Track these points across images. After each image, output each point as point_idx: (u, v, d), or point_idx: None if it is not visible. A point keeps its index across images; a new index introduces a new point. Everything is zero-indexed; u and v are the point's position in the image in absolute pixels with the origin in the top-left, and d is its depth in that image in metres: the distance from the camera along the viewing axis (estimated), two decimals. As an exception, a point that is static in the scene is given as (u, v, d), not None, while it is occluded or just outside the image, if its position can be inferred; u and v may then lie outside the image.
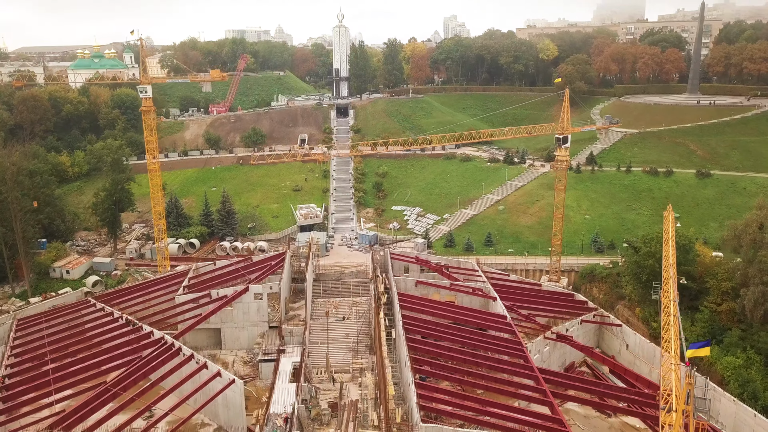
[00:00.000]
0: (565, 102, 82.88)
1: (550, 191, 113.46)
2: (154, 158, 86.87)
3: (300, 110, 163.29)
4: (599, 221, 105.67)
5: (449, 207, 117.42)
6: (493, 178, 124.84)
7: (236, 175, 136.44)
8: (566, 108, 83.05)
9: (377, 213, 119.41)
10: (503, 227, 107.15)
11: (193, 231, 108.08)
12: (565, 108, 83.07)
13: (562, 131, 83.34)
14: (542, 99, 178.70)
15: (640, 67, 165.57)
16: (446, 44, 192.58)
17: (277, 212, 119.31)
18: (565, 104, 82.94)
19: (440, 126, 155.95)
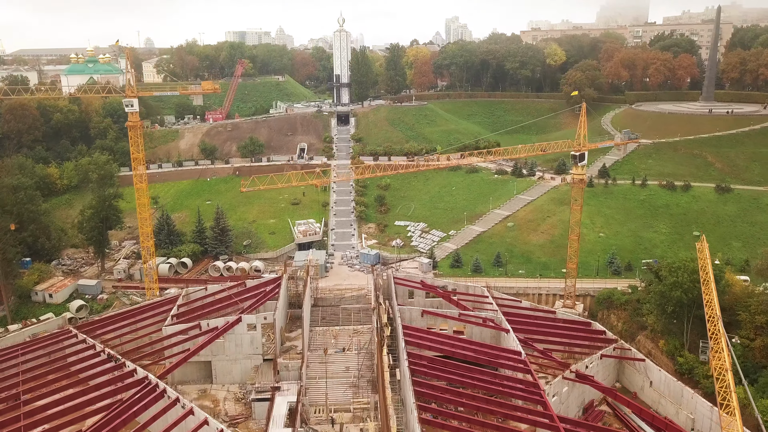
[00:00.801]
0: (582, 117, 77.15)
1: (562, 207, 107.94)
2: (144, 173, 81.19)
3: (299, 118, 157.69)
4: (614, 240, 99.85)
5: (455, 223, 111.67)
6: (501, 192, 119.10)
7: (232, 187, 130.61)
8: (583, 123, 77.33)
9: (379, 229, 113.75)
10: (513, 246, 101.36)
11: (185, 249, 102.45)
12: (582, 123, 77.33)
13: (579, 148, 77.57)
14: (550, 106, 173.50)
15: (651, 73, 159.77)
16: (450, 49, 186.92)
17: (275, 228, 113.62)
18: (582, 119, 77.20)
19: (445, 135, 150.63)
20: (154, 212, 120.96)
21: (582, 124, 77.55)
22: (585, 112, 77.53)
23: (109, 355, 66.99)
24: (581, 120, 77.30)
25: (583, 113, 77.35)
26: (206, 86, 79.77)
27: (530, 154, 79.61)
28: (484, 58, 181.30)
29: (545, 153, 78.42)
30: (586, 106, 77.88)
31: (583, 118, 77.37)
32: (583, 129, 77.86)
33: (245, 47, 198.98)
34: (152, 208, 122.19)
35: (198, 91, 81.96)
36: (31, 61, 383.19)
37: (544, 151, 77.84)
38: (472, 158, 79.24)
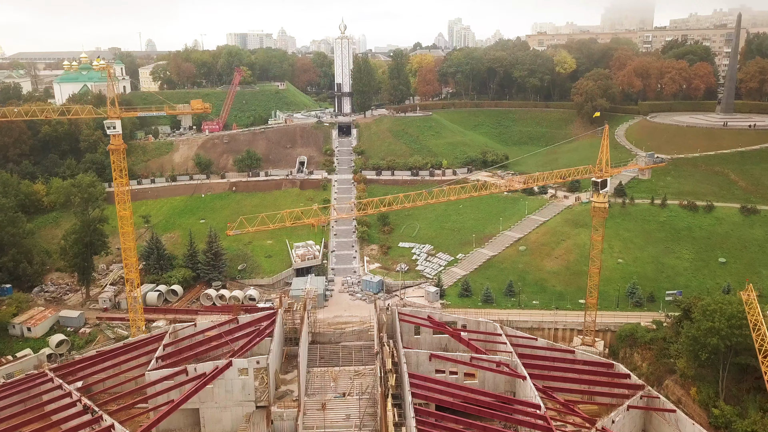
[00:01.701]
0: (605, 141, 70.72)
1: (577, 229, 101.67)
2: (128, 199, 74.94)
3: (299, 129, 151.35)
4: (634, 266, 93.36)
5: (463, 245, 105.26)
6: (511, 211, 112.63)
7: (228, 204, 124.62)
8: (605, 147, 70.93)
9: (382, 251, 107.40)
10: (526, 272, 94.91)
11: (176, 276, 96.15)
12: (605, 147, 70.92)
13: (601, 174, 71.13)
14: (559, 115, 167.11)
15: (666, 82, 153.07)
16: (455, 56, 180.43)
17: (271, 250, 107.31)
18: (605, 143, 70.78)
19: (451, 148, 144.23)
20: (145, 233, 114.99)
21: (604, 148, 71.12)
22: (607, 135, 71.07)
23: (86, 407, 60.69)
24: (604, 143, 70.86)
25: (605, 137, 70.97)
26: (196, 105, 73.49)
27: (549, 182, 73.12)
28: (491, 65, 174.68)
29: (565, 180, 72.10)
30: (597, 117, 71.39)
31: (605, 142, 70.96)
32: (605, 154, 71.42)
33: (243, 54, 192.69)
34: (144, 227, 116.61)
35: (187, 111, 75.73)
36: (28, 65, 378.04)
37: (564, 179, 71.50)
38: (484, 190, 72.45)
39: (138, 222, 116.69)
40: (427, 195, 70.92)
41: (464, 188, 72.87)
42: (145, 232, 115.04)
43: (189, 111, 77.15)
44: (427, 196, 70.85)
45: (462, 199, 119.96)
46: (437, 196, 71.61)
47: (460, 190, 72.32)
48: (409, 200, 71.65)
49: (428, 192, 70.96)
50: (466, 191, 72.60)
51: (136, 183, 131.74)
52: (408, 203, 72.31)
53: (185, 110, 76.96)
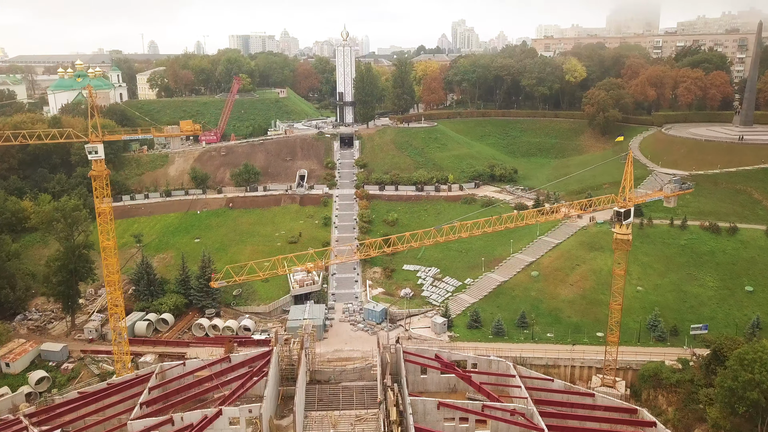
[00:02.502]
0: (628, 167, 64.97)
1: (593, 253, 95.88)
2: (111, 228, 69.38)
3: (299, 141, 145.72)
4: (655, 295, 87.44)
5: (471, 269, 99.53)
6: (522, 232, 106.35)
7: (224, 221, 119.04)
8: (629, 174, 65.16)
9: (386, 274, 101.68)
10: (539, 301, 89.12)
11: (167, 302, 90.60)
12: (628, 174, 65.15)
13: (625, 204, 65.35)
14: (569, 126, 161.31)
15: (681, 92, 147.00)
16: (461, 63, 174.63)
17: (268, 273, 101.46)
18: (628, 170, 65.01)
19: (457, 161, 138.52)
20: (137, 253, 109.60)
21: (628, 175, 65.34)
22: (631, 161, 65.30)
23: (61, 463, 55.38)
24: (627, 170, 65.07)
25: (629, 163, 65.18)
26: (185, 127, 68.06)
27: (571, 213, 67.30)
28: (498, 73, 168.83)
29: (586, 212, 66.43)
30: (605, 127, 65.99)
31: (629, 168, 65.19)
32: (629, 180, 65.67)
33: (243, 61, 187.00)
34: (136, 247, 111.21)
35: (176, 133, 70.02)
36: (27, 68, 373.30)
37: (584, 210, 65.80)
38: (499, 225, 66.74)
39: (129, 242, 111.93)
40: (436, 233, 65.24)
41: (477, 224, 67.16)
42: (137, 253, 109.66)
43: (178, 133, 71.46)
44: (437, 234, 65.20)
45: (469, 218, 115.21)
46: (447, 234, 65.94)
47: (473, 227, 66.63)
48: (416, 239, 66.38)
49: (437, 229, 65.28)
50: (479, 227, 66.94)
51: (129, 198, 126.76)
52: (415, 242, 66.99)
53: (174, 132, 71.27)
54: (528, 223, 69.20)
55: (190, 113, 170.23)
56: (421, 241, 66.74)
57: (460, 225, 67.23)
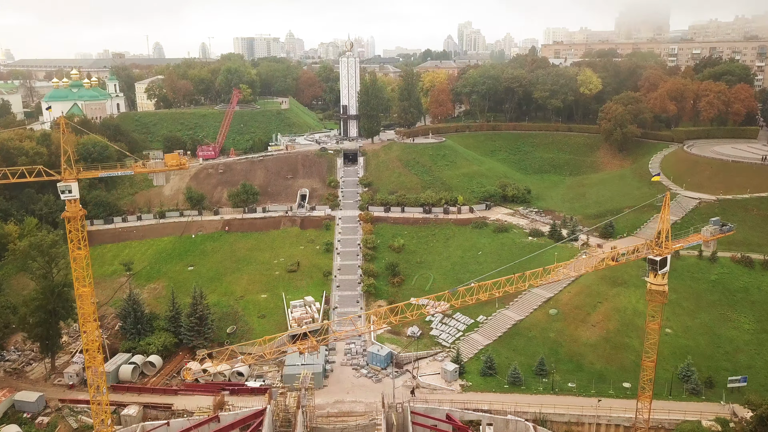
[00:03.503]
0: (665, 211, 57.67)
1: (616, 289, 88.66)
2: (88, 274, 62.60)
3: (301, 157, 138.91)
4: (685, 338, 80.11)
5: (484, 304, 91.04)
6: (537, 262, 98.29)
7: (220, 246, 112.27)
8: (665, 220, 57.87)
9: (392, 309, 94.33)
10: (558, 344, 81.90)
11: (156, 342, 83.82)
12: (664, 220, 57.86)
13: (660, 251, 58.09)
14: (584, 140, 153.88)
15: (703, 106, 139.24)
16: (470, 74, 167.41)
17: (265, 307, 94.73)
18: (665, 215, 57.69)
19: (466, 180, 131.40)
20: (127, 281, 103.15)
21: (664, 220, 58.05)
22: (668, 203, 58.04)
23: None
24: (663, 215, 57.78)
25: (666, 205, 57.92)
26: (170, 161, 61.28)
27: (600, 266, 59.75)
28: (509, 85, 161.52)
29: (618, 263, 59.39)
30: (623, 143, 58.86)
31: (665, 210, 57.91)
32: (665, 224, 58.39)
33: (243, 70, 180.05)
34: (125, 275, 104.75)
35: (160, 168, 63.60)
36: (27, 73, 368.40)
37: (616, 261, 58.69)
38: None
39: (119, 270, 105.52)
40: (450, 296, 58.16)
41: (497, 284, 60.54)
42: (126, 282, 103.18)
43: (163, 169, 64.87)
44: (450, 297, 58.05)
45: (480, 246, 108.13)
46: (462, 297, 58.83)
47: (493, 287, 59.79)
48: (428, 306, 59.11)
49: (452, 293, 58.15)
50: (499, 287, 60.08)
51: (122, 220, 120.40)
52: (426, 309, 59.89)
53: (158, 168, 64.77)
54: (555, 279, 61.66)
55: (188, 126, 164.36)
56: (434, 307, 59.56)
57: (478, 286, 60.00)
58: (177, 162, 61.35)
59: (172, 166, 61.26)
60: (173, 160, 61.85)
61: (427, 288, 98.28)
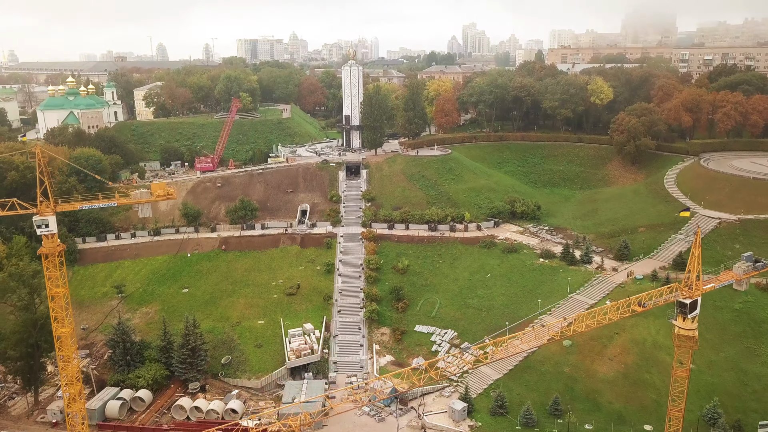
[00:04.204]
0: (696, 250, 52.56)
1: (634, 319, 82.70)
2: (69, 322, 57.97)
3: (302, 170, 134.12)
4: (710, 375, 74.82)
5: (493, 331, 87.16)
6: (549, 286, 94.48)
7: (217, 266, 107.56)
8: (697, 258, 52.79)
9: (395, 337, 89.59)
10: (573, 380, 76.78)
11: (146, 375, 79.11)
12: (695, 258, 52.77)
13: (691, 293, 53.05)
14: (595, 152, 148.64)
15: (720, 118, 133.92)
16: (477, 83, 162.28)
17: (263, 335, 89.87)
18: (696, 253, 52.58)
19: (473, 195, 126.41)
20: (119, 305, 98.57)
21: (695, 258, 52.96)
22: (699, 243, 52.91)
23: None
24: (695, 254, 52.68)
25: (697, 242, 52.77)
26: (157, 190, 56.68)
27: (625, 314, 54.20)
28: (518, 94, 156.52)
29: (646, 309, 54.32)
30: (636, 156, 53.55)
31: (697, 250, 52.77)
32: (696, 264, 53.30)
33: (243, 78, 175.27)
34: (116, 298, 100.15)
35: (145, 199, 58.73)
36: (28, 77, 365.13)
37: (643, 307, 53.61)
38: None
39: (110, 292, 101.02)
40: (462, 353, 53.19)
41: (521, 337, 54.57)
42: (118, 305, 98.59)
43: (148, 199, 60.06)
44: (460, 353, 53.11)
45: (489, 267, 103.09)
46: (484, 350, 53.64)
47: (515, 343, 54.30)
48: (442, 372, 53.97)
49: (464, 350, 53.14)
50: (526, 341, 54.55)
51: (115, 238, 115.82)
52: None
53: (142, 199, 59.91)
54: (577, 330, 56.41)
55: (187, 136, 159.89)
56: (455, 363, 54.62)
57: (494, 344, 54.94)
58: (164, 192, 56.62)
59: (158, 196, 56.55)
60: (160, 189, 57.16)
61: (433, 314, 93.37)
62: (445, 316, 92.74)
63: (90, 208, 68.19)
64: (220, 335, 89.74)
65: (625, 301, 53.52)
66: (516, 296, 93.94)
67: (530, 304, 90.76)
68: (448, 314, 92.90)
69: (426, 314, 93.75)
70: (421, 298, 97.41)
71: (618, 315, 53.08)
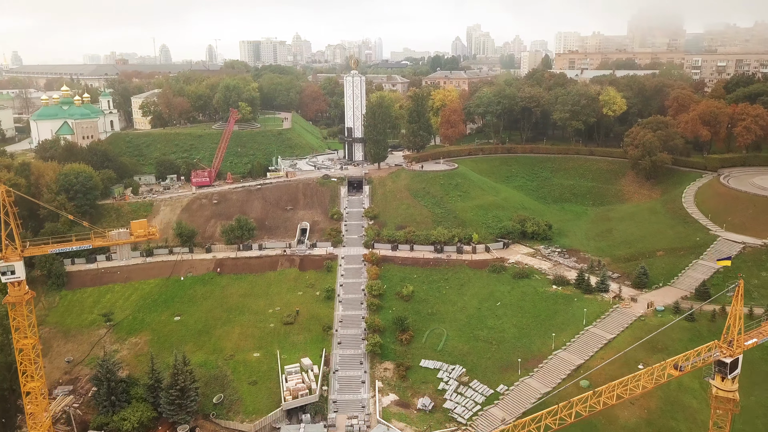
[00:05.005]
0: (736, 305, 46.83)
1: (656, 355, 77.51)
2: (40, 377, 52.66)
3: (302, 186, 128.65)
4: (741, 423, 68.60)
5: (505, 370, 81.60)
6: (563, 317, 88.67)
7: (211, 291, 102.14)
8: (737, 315, 47.02)
9: (399, 373, 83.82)
10: (592, 427, 70.77)
11: (131, 418, 73.69)
12: (736, 313, 47.01)
13: (732, 351, 47.32)
14: (607, 166, 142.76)
15: (739, 132, 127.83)
16: (484, 94, 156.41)
17: (258, 370, 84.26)
18: (736, 309, 46.81)
19: (481, 212, 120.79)
20: (107, 333, 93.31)
21: (735, 315, 47.21)
22: (741, 296, 47.16)
23: None
24: (735, 310, 46.93)
25: (737, 298, 47.06)
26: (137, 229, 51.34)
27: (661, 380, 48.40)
28: (527, 105, 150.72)
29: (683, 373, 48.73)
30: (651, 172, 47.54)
31: (737, 307, 47.04)
32: (736, 321, 47.56)
33: (243, 87, 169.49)
34: (106, 326, 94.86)
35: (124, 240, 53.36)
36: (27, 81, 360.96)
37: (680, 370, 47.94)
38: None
39: (98, 321, 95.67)
40: None
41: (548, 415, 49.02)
42: (106, 333, 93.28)
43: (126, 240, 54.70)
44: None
45: (499, 295, 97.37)
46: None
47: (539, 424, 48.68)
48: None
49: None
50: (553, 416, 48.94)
51: (105, 259, 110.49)
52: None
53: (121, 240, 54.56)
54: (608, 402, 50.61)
55: (183, 148, 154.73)
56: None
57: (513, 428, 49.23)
58: (144, 232, 51.18)
59: (138, 237, 51.08)
60: (140, 229, 51.71)
61: (440, 347, 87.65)
62: (453, 349, 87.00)
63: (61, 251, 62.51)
64: (213, 370, 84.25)
65: (660, 366, 47.84)
66: (528, 328, 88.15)
67: (543, 338, 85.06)
68: (456, 348, 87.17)
69: (432, 347, 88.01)
70: (426, 329, 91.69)
71: (653, 382, 47.53)
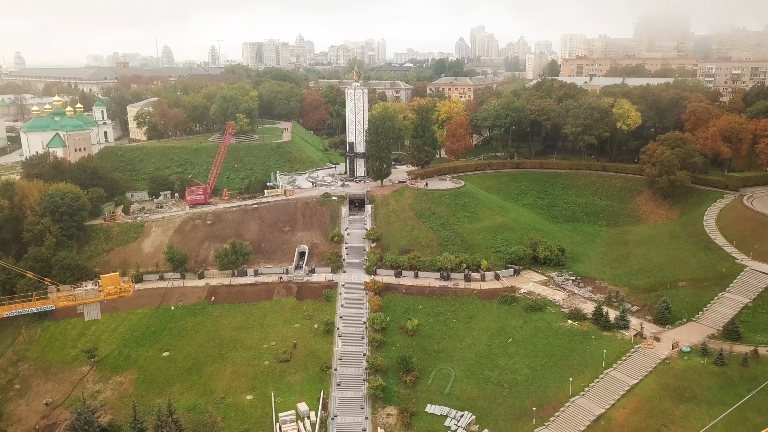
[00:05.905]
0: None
1: (684, 405, 71.59)
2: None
3: (301, 205, 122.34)
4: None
5: (518, 418, 75.09)
6: (581, 357, 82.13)
7: (203, 323, 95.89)
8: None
9: (403, 420, 77.29)
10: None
11: (111, 473, 67.64)
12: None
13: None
14: (622, 183, 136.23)
15: (762, 149, 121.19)
16: (492, 106, 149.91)
17: (250, 415, 77.94)
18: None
19: (490, 235, 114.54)
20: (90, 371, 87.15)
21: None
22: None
23: None
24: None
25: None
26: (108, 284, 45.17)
27: None
28: (536, 118, 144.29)
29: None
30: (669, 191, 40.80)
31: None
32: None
33: (241, 98, 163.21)
34: (89, 362, 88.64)
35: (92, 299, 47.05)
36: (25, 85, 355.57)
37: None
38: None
39: (80, 357, 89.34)
40: None
41: None
42: (89, 371, 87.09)
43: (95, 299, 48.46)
44: None
45: (510, 330, 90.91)
46: None
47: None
48: None
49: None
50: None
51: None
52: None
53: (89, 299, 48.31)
54: None
55: (178, 162, 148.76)
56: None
57: None
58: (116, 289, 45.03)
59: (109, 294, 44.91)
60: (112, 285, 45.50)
61: (447, 390, 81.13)
62: (461, 393, 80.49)
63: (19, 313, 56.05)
64: (202, 415, 77.88)
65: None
66: (542, 369, 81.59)
67: (559, 381, 78.51)
68: (465, 391, 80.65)
69: (439, 390, 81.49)
70: (433, 368, 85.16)
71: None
